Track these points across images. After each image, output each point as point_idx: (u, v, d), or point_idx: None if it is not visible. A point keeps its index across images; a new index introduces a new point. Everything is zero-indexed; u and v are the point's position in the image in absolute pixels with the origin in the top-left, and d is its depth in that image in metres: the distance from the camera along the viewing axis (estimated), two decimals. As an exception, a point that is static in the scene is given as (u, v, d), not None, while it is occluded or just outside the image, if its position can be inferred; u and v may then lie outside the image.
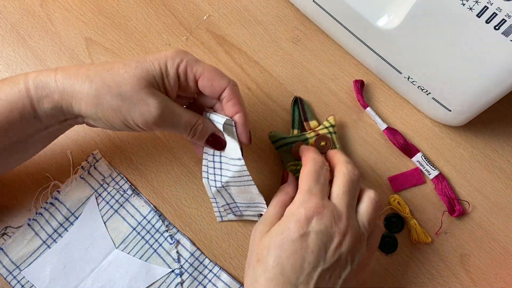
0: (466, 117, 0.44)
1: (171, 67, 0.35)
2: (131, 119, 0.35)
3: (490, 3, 0.34)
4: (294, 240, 0.34)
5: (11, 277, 0.42)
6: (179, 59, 0.36)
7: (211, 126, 0.39)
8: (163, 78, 0.36)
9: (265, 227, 0.37)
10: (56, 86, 0.35)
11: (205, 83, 0.37)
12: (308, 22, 0.51)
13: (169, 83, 0.36)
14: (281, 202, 0.39)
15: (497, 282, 0.45)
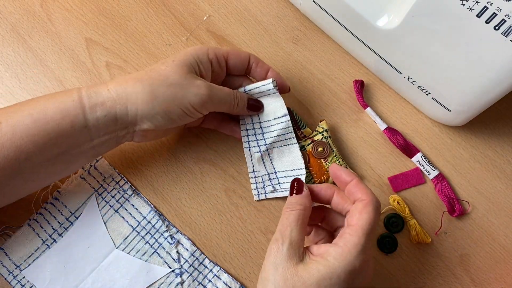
0: (466, 117, 0.44)
1: (203, 55, 0.40)
2: (187, 102, 0.38)
3: (490, 3, 0.34)
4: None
5: (11, 277, 0.42)
6: (206, 49, 0.40)
7: (245, 94, 0.43)
8: (198, 65, 0.40)
9: (295, 252, 0.34)
10: (109, 94, 0.37)
11: (235, 59, 0.42)
12: (308, 22, 0.51)
13: (204, 69, 0.40)
14: (302, 220, 0.35)
15: (497, 282, 0.45)
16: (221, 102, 0.41)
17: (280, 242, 0.34)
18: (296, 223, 0.35)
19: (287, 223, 0.35)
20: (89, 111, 0.37)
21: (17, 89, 0.48)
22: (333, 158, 0.45)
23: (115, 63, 0.49)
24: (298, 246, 0.34)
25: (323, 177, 0.44)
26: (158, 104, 0.37)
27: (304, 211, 0.36)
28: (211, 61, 0.41)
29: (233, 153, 0.47)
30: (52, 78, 0.48)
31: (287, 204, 0.37)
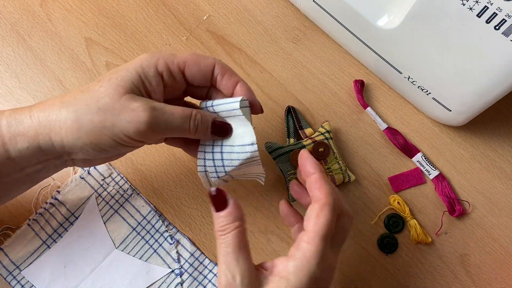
0: (466, 117, 0.44)
1: (148, 67, 0.32)
2: (120, 131, 0.31)
3: (490, 3, 0.34)
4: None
5: (11, 277, 0.42)
6: (155, 58, 0.32)
7: (209, 113, 0.35)
8: (143, 82, 0.32)
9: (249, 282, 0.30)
10: (31, 122, 0.31)
11: (193, 69, 0.34)
12: (308, 22, 0.51)
13: (150, 85, 0.33)
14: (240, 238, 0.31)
15: (497, 282, 0.45)
16: (171, 128, 0.33)
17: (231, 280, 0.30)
18: (238, 247, 0.31)
19: (227, 253, 0.30)
20: (9, 142, 0.31)
21: (17, 89, 0.48)
22: (333, 159, 0.45)
23: (115, 63, 0.49)
24: (250, 273, 0.30)
25: (323, 177, 0.44)
26: (85, 134, 0.31)
27: (240, 228, 0.31)
28: (161, 74, 0.33)
29: (233, 153, 0.47)
30: (52, 78, 0.48)
31: (217, 226, 0.32)
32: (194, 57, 0.34)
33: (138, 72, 0.32)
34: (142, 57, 0.33)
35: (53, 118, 0.31)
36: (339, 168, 0.45)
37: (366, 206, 0.46)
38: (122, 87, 0.31)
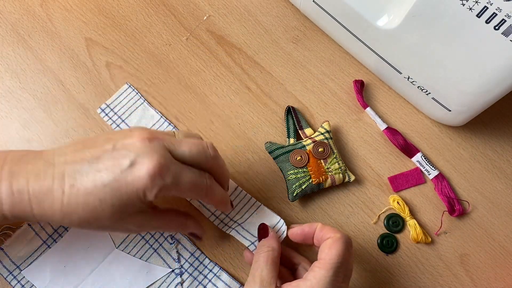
0: (466, 117, 0.44)
1: (150, 196, 0.33)
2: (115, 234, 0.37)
3: (490, 3, 0.34)
4: None
5: (11, 277, 0.42)
6: (157, 189, 0.33)
7: (193, 226, 0.40)
8: (141, 202, 0.34)
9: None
10: (34, 219, 0.33)
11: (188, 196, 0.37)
12: (308, 22, 0.51)
13: (147, 204, 0.34)
14: (271, 260, 0.37)
15: (497, 282, 0.45)
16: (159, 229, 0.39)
17: (251, 283, 0.35)
18: (265, 263, 0.36)
19: (257, 265, 0.36)
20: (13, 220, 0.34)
21: (17, 89, 0.48)
22: (333, 159, 0.45)
23: (115, 63, 0.49)
24: (269, 283, 0.35)
25: (321, 178, 0.44)
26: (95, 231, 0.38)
27: (272, 252, 0.37)
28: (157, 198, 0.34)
29: (234, 154, 0.47)
30: (52, 78, 0.48)
31: (257, 248, 0.39)
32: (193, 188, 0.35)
33: (139, 198, 0.33)
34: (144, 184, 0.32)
35: (56, 223, 0.34)
36: (339, 168, 0.45)
37: (366, 206, 0.46)
38: (123, 213, 0.33)
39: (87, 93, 0.48)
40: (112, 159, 0.33)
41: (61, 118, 0.47)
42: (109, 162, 0.32)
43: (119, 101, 0.47)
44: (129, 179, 0.32)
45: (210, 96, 0.49)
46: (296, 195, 0.44)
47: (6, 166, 0.33)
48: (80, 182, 0.32)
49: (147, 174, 0.32)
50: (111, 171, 0.32)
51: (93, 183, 0.32)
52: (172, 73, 0.49)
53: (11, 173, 0.33)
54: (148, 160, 0.32)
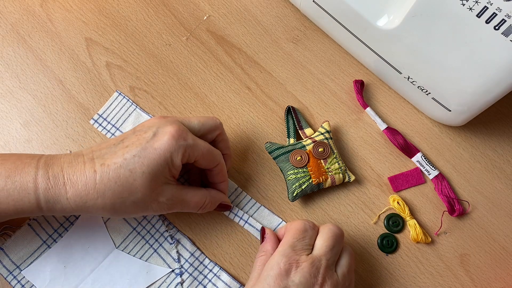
0: (466, 117, 0.44)
1: (176, 158, 0.36)
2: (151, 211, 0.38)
3: (490, 3, 0.34)
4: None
5: (11, 277, 0.42)
6: (182, 150, 0.36)
7: (218, 197, 0.42)
8: (169, 169, 0.36)
9: None
10: (68, 204, 0.35)
11: (203, 163, 0.39)
12: (308, 22, 0.51)
13: (175, 170, 0.37)
14: (263, 264, 0.38)
15: (497, 282, 0.45)
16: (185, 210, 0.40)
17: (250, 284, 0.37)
18: (260, 267, 0.38)
19: (254, 269, 0.39)
20: (46, 211, 0.36)
21: (17, 89, 0.48)
22: (333, 159, 0.45)
23: (115, 63, 0.49)
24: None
25: (321, 178, 0.44)
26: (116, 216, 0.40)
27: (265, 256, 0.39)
28: (182, 162, 0.37)
29: (234, 154, 0.47)
30: (52, 78, 0.48)
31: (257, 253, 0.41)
32: (209, 152, 0.39)
33: (168, 163, 0.36)
34: (171, 147, 0.36)
35: (90, 204, 0.35)
36: (339, 168, 0.45)
37: (366, 206, 0.46)
38: (154, 182, 0.36)
39: (87, 93, 0.48)
40: (135, 136, 0.36)
41: (61, 118, 0.47)
42: (133, 139, 0.36)
43: (111, 110, 0.47)
44: (156, 145, 0.35)
45: (210, 96, 0.49)
46: (296, 195, 0.44)
47: (42, 159, 0.36)
48: (110, 159, 0.35)
49: (171, 137, 0.36)
50: (138, 143, 0.36)
51: (122, 157, 0.35)
52: (172, 73, 0.49)
53: (47, 164, 0.36)
54: (168, 128, 0.36)
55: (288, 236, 0.38)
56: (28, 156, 0.37)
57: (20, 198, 0.35)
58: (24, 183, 0.35)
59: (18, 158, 0.36)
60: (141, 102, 0.48)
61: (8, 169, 0.35)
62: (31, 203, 0.35)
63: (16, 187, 0.35)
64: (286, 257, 0.36)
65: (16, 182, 0.35)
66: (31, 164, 0.35)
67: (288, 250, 0.37)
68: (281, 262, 0.36)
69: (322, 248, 0.37)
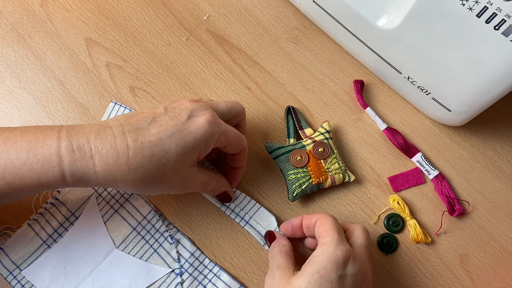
0: (466, 117, 0.44)
1: (210, 142, 0.37)
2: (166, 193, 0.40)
3: (490, 3, 0.34)
4: (332, 281, 0.34)
5: (11, 277, 0.42)
6: (217, 136, 0.37)
7: (225, 185, 0.43)
8: (199, 153, 0.37)
9: (285, 272, 0.37)
10: (96, 178, 0.34)
11: (231, 148, 0.40)
12: (308, 22, 0.51)
13: (203, 154, 0.38)
14: (284, 252, 0.39)
15: (497, 282, 0.45)
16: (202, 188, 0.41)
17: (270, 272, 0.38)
18: (280, 255, 0.39)
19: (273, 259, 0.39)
20: (71, 183, 0.34)
21: (17, 89, 0.48)
22: (333, 159, 0.45)
23: (115, 63, 0.49)
24: (287, 267, 0.38)
25: (321, 178, 0.44)
26: (142, 191, 0.41)
27: (284, 247, 0.40)
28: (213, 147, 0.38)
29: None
30: (52, 78, 0.48)
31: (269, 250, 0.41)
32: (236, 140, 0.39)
33: (201, 146, 0.36)
34: (206, 130, 0.36)
35: (119, 179, 0.34)
36: (339, 168, 0.45)
37: (366, 206, 0.46)
38: (184, 164, 0.36)
39: (87, 93, 0.48)
40: (168, 117, 0.36)
41: (61, 118, 0.47)
42: (167, 118, 0.35)
43: None
44: (192, 128, 0.35)
45: (210, 96, 0.49)
46: (296, 195, 0.44)
47: (64, 130, 0.34)
48: (143, 136, 0.34)
49: (206, 122, 0.36)
50: (173, 124, 0.35)
51: (157, 136, 0.34)
52: (172, 73, 0.49)
53: (69, 134, 0.34)
54: (203, 112, 0.36)
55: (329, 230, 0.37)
56: (48, 128, 0.35)
57: (44, 172, 0.33)
58: (47, 156, 0.33)
59: (38, 130, 0.34)
60: (141, 102, 0.48)
61: (29, 141, 0.33)
62: (56, 177, 0.33)
63: (39, 161, 0.33)
64: (341, 245, 0.36)
65: (39, 155, 0.33)
66: (52, 136, 0.34)
67: (340, 239, 0.36)
68: (338, 250, 0.35)
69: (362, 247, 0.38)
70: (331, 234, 0.37)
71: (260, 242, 0.44)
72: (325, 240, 0.37)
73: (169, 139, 0.35)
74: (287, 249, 0.40)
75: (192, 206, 0.45)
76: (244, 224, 0.45)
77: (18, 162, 0.33)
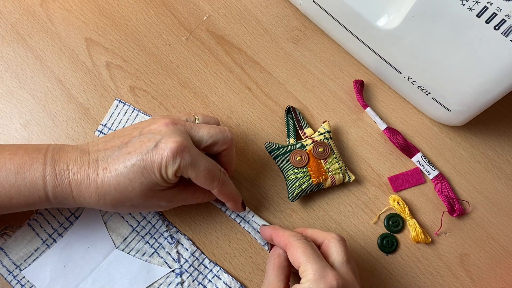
0: (466, 117, 0.44)
1: (171, 173, 0.36)
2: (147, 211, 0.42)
3: (490, 3, 0.34)
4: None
5: (11, 277, 0.42)
6: (177, 165, 0.36)
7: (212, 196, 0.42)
8: (164, 180, 0.37)
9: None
10: (74, 201, 0.37)
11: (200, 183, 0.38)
12: (308, 22, 0.51)
13: (169, 181, 0.37)
14: (277, 265, 0.38)
15: (497, 282, 0.45)
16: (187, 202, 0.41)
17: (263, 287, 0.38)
18: (272, 269, 0.38)
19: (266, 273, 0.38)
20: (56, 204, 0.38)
21: (17, 89, 0.48)
22: (333, 159, 0.45)
23: (115, 63, 0.49)
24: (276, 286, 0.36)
25: (321, 178, 0.44)
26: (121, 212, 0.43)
27: (278, 258, 0.38)
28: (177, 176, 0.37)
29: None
30: (52, 78, 0.48)
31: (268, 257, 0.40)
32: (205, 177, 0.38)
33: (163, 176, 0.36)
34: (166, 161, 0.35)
35: (93, 204, 0.37)
36: (339, 168, 0.45)
37: (366, 206, 0.46)
38: (151, 191, 0.37)
39: (87, 93, 0.48)
40: (139, 142, 0.36)
41: (61, 118, 0.47)
42: (136, 145, 0.36)
43: (114, 118, 0.47)
44: (155, 157, 0.35)
45: (210, 96, 0.49)
46: (296, 195, 0.44)
47: (49, 153, 0.37)
48: (112, 165, 0.36)
49: (169, 151, 0.35)
50: (138, 152, 0.36)
51: (123, 164, 0.36)
52: (172, 73, 0.49)
53: (54, 159, 0.36)
54: (171, 140, 0.36)
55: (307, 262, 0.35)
56: (35, 149, 0.37)
57: (30, 194, 0.36)
58: (34, 180, 0.36)
59: (26, 152, 0.37)
60: (141, 102, 0.48)
61: (17, 165, 0.36)
62: (41, 199, 0.36)
63: (26, 184, 0.36)
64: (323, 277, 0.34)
65: (26, 179, 0.36)
66: (39, 160, 0.36)
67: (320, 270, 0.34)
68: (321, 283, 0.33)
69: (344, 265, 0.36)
70: (309, 268, 0.34)
71: (260, 242, 0.44)
72: (305, 274, 0.34)
73: (132, 168, 0.35)
74: (281, 260, 0.38)
75: (192, 206, 0.45)
76: (245, 224, 0.45)
77: (7, 184, 0.36)
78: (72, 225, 0.44)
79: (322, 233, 0.39)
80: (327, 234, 0.38)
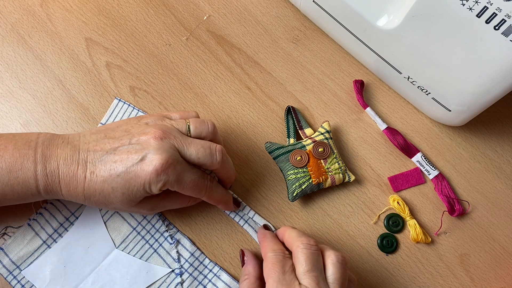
0: (466, 117, 0.44)
1: (155, 190, 0.36)
2: None
3: (490, 3, 0.34)
4: None
5: (11, 277, 0.42)
6: (162, 183, 0.36)
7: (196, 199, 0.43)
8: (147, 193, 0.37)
9: None
10: (63, 197, 0.38)
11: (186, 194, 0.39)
12: (308, 22, 0.51)
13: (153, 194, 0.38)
14: (248, 285, 0.38)
15: (497, 282, 0.45)
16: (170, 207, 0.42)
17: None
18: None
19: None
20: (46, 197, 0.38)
21: (17, 89, 0.48)
22: (333, 159, 0.45)
23: (115, 63, 0.49)
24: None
25: (321, 178, 0.44)
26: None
27: (248, 278, 0.39)
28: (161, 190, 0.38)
29: (234, 154, 0.47)
30: (52, 78, 0.48)
31: None
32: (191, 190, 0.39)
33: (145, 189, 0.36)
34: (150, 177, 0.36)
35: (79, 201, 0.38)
36: (339, 168, 0.45)
37: (366, 206, 0.46)
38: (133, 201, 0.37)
39: (87, 93, 0.48)
40: (126, 152, 0.36)
41: (61, 118, 0.47)
42: (123, 155, 0.36)
43: (114, 117, 0.47)
44: (138, 172, 0.36)
45: (210, 96, 0.49)
46: (296, 195, 0.44)
47: (39, 149, 0.37)
48: (98, 170, 0.36)
49: (153, 169, 0.35)
50: (124, 163, 0.36)
51: (108, 172, 0.36)
52: (172, 73, 0.49)
53: (44, 157, 0.37)
54: (157, 157, 0.35)
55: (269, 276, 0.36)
56: (25, 144, 0.37)
57: (23, 191, 0.37)
58: (26, 179, 0.36)
59: (16, 148, 0.37)
60: (141, 102, 0.48)
61: (9, 163, 0.36)
62: (34, 195, 0.38)
63: (19, 183, 0.36)
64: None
65: (19, 178, 0.36)
66: (29, 158, 0.36)
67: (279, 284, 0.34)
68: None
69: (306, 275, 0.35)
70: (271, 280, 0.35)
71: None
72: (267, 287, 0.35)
73: (117, 178, 0.36)
74: (251, 281, 0.38)
75: (192, 206, 0.45)
76: (243, 224, 0.45)
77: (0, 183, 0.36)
78: (72, 225, 0.44)
79: (293, 239, 0.38)
80: (295, 241, 0.37)
